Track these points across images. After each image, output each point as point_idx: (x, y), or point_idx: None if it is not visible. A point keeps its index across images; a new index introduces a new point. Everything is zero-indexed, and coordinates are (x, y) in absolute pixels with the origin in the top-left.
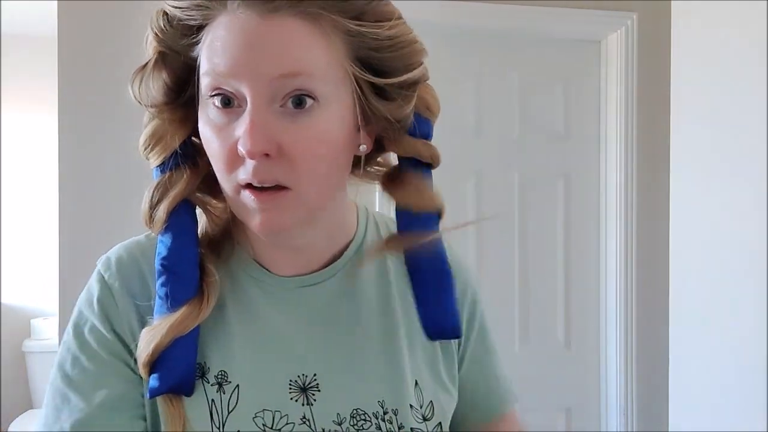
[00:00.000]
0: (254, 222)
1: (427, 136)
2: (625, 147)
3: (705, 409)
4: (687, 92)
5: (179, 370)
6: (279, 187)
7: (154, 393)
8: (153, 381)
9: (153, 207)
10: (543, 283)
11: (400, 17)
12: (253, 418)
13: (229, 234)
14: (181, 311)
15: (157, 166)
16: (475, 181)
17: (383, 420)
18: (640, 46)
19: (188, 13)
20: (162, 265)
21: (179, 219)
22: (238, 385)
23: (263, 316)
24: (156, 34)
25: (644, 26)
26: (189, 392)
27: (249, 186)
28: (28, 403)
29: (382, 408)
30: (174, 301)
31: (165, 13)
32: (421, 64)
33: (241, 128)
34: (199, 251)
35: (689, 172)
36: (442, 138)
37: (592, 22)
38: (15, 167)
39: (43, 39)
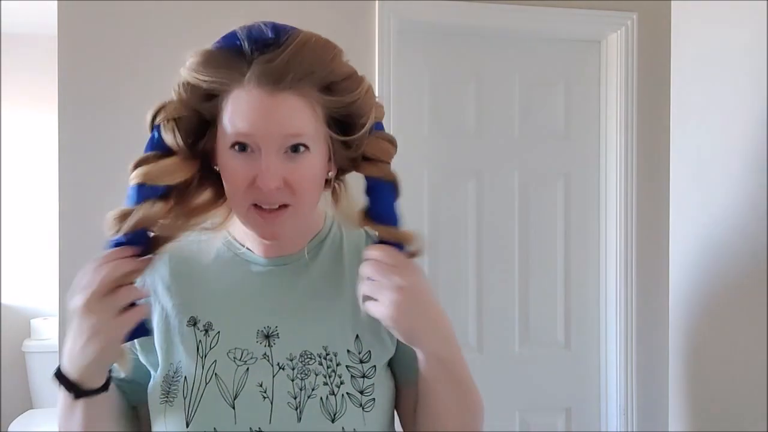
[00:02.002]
0: (260, 231)
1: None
2: (625, 147)
3: (705, 409)
4: (687, 92)
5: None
6: (281, 206)
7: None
8: None
9: (122, 221)
10: (543, 283)
11: (362, 87)
12: (227, 353)
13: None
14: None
15: (136, 187)
16: (475, 181)
17: (324, 359)
18: (640, 46)
19: (211, 85)
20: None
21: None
22: (219, 332)
23: (243, 284)
24: (179, 98)
25: (644, 26)
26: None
27: (257, 206)
28: (28, 403)
29: (325, 351)
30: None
31: (188, 83)
32: (366, 124)
33: (257, 169)
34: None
35: (689, 172)
36: (442, 138)
37: (592, 22)
38: (15, 167)
39: (43, 39)
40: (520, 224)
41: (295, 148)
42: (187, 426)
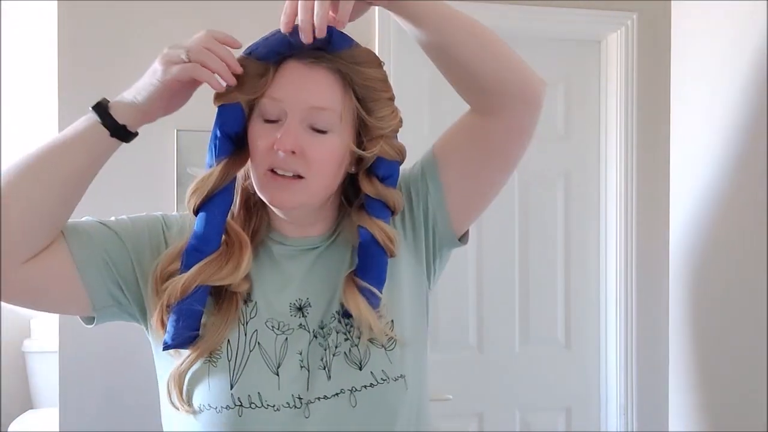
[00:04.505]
0: (271, 196)
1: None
2: (625, 147)
3: (705, 409)
4: (687, 92)
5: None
6: (295, 177)
7: (166, 347)
8: (167, 336)
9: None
10: (543, 283)
11: (390, 112)
12: (265, 322)
13: (257, 214)
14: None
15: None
16: None
17: (343, 316)
18: (640, 46)
19: (265, 69)
20: (196, 237)
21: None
22: (256, 302)
23: (278, 262)
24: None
25: (644, 26)
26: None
27: (272, 171)
28: (28, 403)
29: (342, 307)
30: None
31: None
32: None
33: (280, 133)
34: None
35: (689, 172)
36: None
37: (592, 22)
38: None
39: (42, 39)
40: (520, 224)
41: (320, 130)
42: (231, 388)
